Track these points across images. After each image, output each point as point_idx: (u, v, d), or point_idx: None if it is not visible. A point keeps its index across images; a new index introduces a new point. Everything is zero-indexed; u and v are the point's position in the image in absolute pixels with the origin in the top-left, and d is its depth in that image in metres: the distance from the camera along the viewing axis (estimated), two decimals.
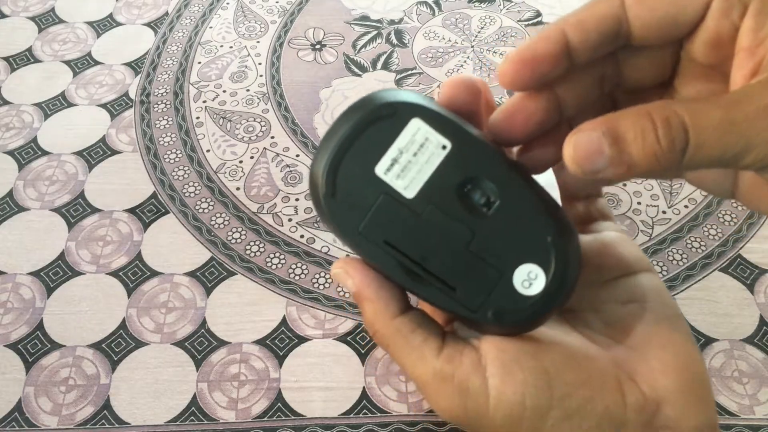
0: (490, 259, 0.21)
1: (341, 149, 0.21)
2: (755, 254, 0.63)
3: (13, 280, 0.62)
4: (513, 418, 0.21)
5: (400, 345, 0.22)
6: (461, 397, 0.21)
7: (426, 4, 0.89)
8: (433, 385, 0.22)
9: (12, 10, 0.89)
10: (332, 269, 0.23)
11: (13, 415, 0.54)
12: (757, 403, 0.54)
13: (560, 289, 0.21)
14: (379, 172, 0.21)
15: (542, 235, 0.21)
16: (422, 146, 0.21)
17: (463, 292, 0.22)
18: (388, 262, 0.22)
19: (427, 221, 0.21)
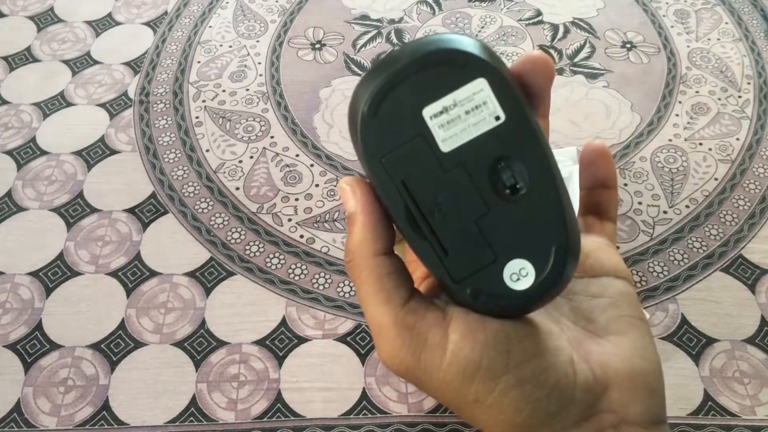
0: (492, 241, 0.21)
1: (400, 75, 0.21)
2: (756, 254, 0.63)
3: (12, 280, 0.62)
4: (465, 376, 0.21)
5: (371, 282, 0.22)
6: (417, 347, 0.21)
7: (426, 4, 0.89)
8: (390, 330, 0.21)
9: (11, 9, 0.89)
10: (341, 182, 0.23)
11: (12, 416, 0.54)
12: (759, 404, 0.54)
13: (542, 295, 0.22)
14: (426, 114, 0.21)
15: (550, 241, 0.21)
16: (477, 108, 0.21)
17: (453, 259, 0.21)
18: (397, 202, 0.21)
19: (449, 180, 0.21)
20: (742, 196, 0.67)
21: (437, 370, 0.21)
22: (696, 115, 0.75)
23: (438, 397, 0.22)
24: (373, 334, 0.22)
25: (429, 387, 0.22)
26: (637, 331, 0.23)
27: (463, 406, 0.22)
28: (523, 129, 0.21)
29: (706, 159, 0.70)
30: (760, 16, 0.87)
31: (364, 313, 0.22)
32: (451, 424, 0.53)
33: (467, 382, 0.21)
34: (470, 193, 0.21)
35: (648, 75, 0.80)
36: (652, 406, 0.22)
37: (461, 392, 0.21)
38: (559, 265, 0.21)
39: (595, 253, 0.25)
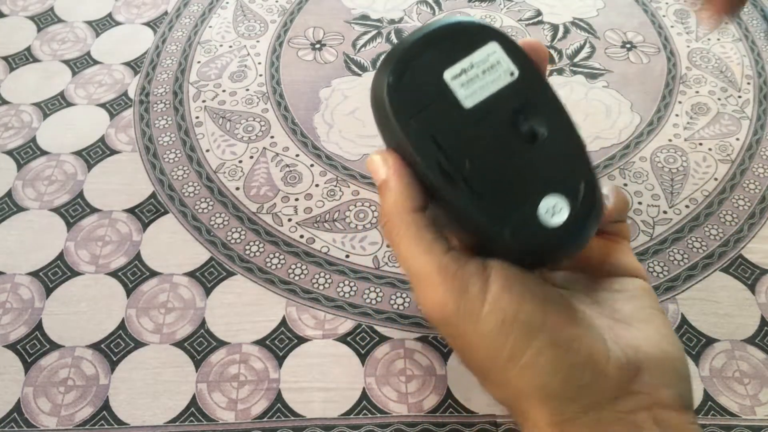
0: (523, 182, 0.22)
1: (418, 46, 0.23)
2: (756, 254, 0.63)
3: (12, 280, 0.62)
4: (502, 328, 0.21)
5: (411, 235, 0.22)
6: (458, 295, 0.21)
7: (426, 4, 0.89)
8: (432, 277, 0.22)
9: (11, 9, 0.89)
10: (370, 157, 0.24)
11: (12, 416, 0.54)
12: (759, 404, 0.54)
13: (580, 229, 0.22)
14: (447, 77, 0.23)
15: (577, 175, 0.22)
16: (493, 67, 0.23)
17: (488, 203, 0.22)
18: (428, 157, 0.22)
19: (475, 131, 0.23)
20: (742, 196, 0.67)
21: (476, 319, 0.21)
22: (696, 115, 0.75)
23: (471, 355, 0.22)
24: (416, 284, 0.22)
25: (464, 340, 0.22)
26: (661, 320, 0.23)
27: (496, 365, 0.21)
28: (536, 82, 0.23)
29: (706, 159, 0.70)
30: (760, 16, 0.87)
31: (405, 269, 0.22)
32: (451, 424, 0.53)
33: (504, 334, 0.21)
34: (496, 142, 0.23)
35: (648, 75, 0.80)
36: (682, 391, 0.22)
37: (496, 346, 0.21)
38: (590, 197, 0.22)
39: (615, 254, 0.26)
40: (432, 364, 0.56)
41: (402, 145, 0.23)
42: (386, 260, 0.63)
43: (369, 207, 0.67)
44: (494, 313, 0.21)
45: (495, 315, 0.21)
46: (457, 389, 0.55)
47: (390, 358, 0.57)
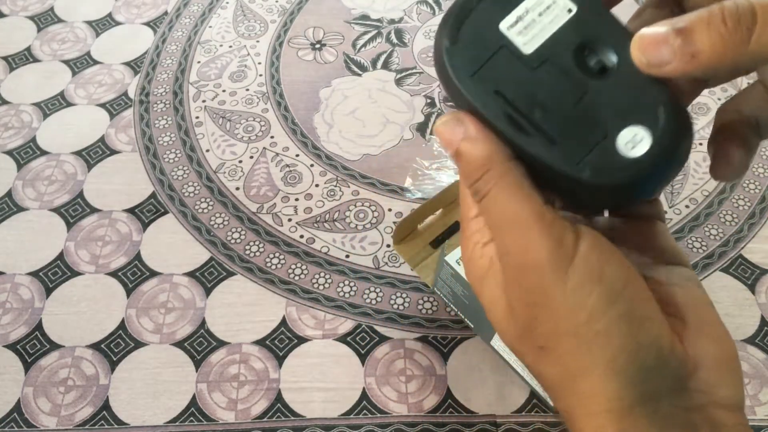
0: (597, 119, 0.21)
1: (468, 5, 0.23)
2: (756, 254, 0.63)
3: (12, 280, 0.62)
4: (586, 286, 0.20)
5: (512, 182, 0.21)
6: (553, 243, 0.20)
7: (426, 4, 0.89)
8: (529, 222, 0.21)
9: (11, 9, 0.89)
10: (438, 122, 0.22)
11: (12, 416, 0.54)
12: (758, 404, 0.54)
13: (664, 155, 0.21)
14: (503, 27, 0.22)
15: (654, 103, 0.21)
16: (548, 8, 0.22)
17: (564, 146, 0.21)
18: (495, 111, 0.22)
19: (539, 76, 0.22)
20: (741, 196, 0.67)
21: (564, 272, 0.20)
22: (696, 115, 0.75)
23: (546, 313, 0.21)
24: (507, 230, 0.21)
25: (544, 295, 0.20)
26: (715, 315, 0.22)
27: (571, 327, 0.20)
28: (596, 14, 0.22)
29: (706, 159, 0.70)
30: None
31: (496, 217, 0.21)
32: (451, 424, 0.53)
33: (587, 293, 0.20)
34: (563, 82, 0.22)
35: None
36: (737, 391, 0.21)
37: (577, 303, 0.20)
38: (671, 122, 0.21)
39: (654, 239, 0.25)
40: (432, 364, 0.56)
41: (470, 104, 0.22)
42: (386, 260, 0.63)
43: (369, 207, 0.67)
44: (582, 268, 0.20)
45: (582, 270, 0.20)
46: (457, 389, 0.55)
47: (390, 358, 0.57)
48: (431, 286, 0.59)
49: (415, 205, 0.66)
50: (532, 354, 0.22)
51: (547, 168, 0.22)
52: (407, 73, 0.80)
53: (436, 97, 0.77)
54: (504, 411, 0.53)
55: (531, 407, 0.53)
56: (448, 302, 0.58)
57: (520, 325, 0.22)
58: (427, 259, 0.59)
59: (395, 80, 0.79)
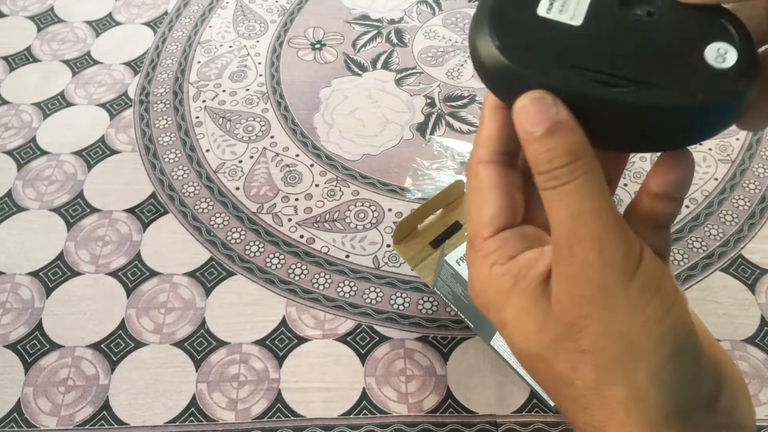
0: (676, 50, 0.22)
1: (494, 9, 0.22)
2: (756, 254, 0.63)
3: (12, 280, 0.62)
4: (648, 292, 0.20)
5: (595, 177, 0.21)
6: (626, 246, 0.20)
7: (426, 4, 0.89)
8: (610, 221, 0.20)
9: (11, 9, 0.89)
10: (525, 98, 0.21)
11: (12, 416, 0.54)
12: (759, 404, 0.54)
13: (752, 58, 0.22)
14: (542, 13, 0.22)
15: (716, 19, 0.22)
16: None
17: (664, 84, 0.21)
18: (584, 82, 0.21)
19: (603, 37, 0.22)
20: (741, 196, 0.67)
21: (629, 278, 0.20)
22: None
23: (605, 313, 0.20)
24: (592, 225, 0.20)
25: (608, 294, 0.20)
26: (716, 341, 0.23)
27: (625, 332, 0.20)
28: None
29: (706, 159, 0.70)
30: None
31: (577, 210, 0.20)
32: (451, 424, 0.53)
33: (646, 300, 0.20)
34: (625, 34, 0.22)
35: None
36: (752, 415, 0.22)
37: (636, 310, 0.20)
38: (740, 29, 0.22)
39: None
40: (432, 364, 0.56)
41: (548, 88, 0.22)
42: (386, 260, 0.63)
43: (369, 207, 0.67)
44: (645, 275, 0.20)
45: (645, 278, 0.20)
46: (457, 389, 0.55)
47: (390, 358, 0.57)
48: (431, 286, 0.59)
49: (415, 205, 0.66)
50: (570, 358, 0.21)
51: (651, 114, 0.21)
52: (407, 73, 0.80)
53: (436, 97, 0.77)
54: (504, 411, 0.53)
55: (531, 407, 0.53)
56: (448, 302, 0.58)
57: (562, 327, 0.21)
58: (427, 259, 0.59)
59: (395, 80, 0.79)
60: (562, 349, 0.21)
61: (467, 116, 0.75)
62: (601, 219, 0.20)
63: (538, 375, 0.22)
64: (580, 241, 0.20)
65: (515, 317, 0.22)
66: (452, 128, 0.74)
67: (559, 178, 0.20)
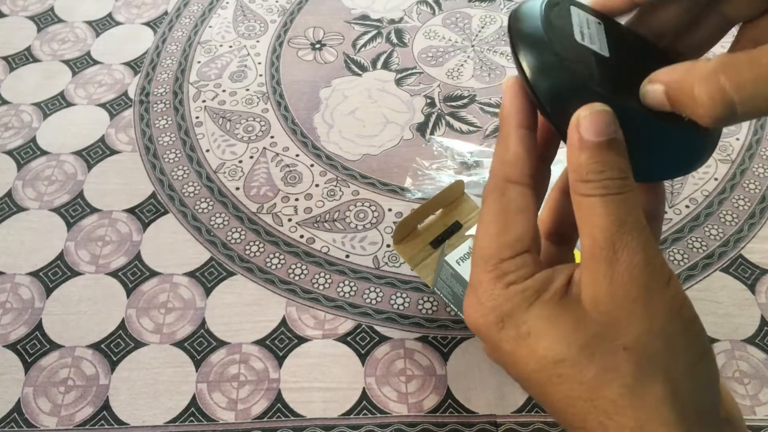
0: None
1: (546, 28, 0.24)
2: (756, 254, 0.63)
3: (12, 280, 0.62)
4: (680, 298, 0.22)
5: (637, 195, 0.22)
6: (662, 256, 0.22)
7: (426, 4, 0.89)
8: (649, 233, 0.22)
9: (11, 9, 0.89)
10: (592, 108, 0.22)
11: (12, 416, 0.54)
12: (759, 404, 0.54)
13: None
14: (579, 40, 0.25)
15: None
16: (588, 22, 0.26)
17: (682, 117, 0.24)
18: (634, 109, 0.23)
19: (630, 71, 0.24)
20: (741, 196, 0.67)
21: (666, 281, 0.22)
22: None
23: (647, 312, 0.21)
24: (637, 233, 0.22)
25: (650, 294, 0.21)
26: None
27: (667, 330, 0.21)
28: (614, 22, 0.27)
29: None
30: None
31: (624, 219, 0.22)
32: (451, 424, 0.53)
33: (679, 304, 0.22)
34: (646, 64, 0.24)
35: None
36: (740, 410, 0.23)
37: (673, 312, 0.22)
38: None
39: None
40: (432, 364, 0.56)
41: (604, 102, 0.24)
42: (386, 260, 0.63)
43: (369, 207, 0.67)
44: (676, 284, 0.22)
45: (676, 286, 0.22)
46: (457, 389, 0.55)
47: (390, 358, 0.57)
48: (431, 286, 0.59)
49: (415, 205, 0.66)
50: (607, 358, 0.21)
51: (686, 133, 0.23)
52: (407, 73, 0.80)
53: (436, 97, 0.77)
54: (504, 411, 0.53)
55: (531, 407, 0.53)
56: (448, 302, 0.58)
57: (600, 327, 0.21)
58: (427, 259, 0.59)
59: (395, 80, 0.79)
60: (599, 350, 0.21)
61: (467, 116, 0.75)
62: (644, 230, 0.22)
63: (563, 385, 0.22)
64: (627, 246, 0.21)
65: (542, 325, 0.22)
66: (452, 128, 0.74)
67: (608, 188, 0.21)
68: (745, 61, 0.20)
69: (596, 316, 0.21)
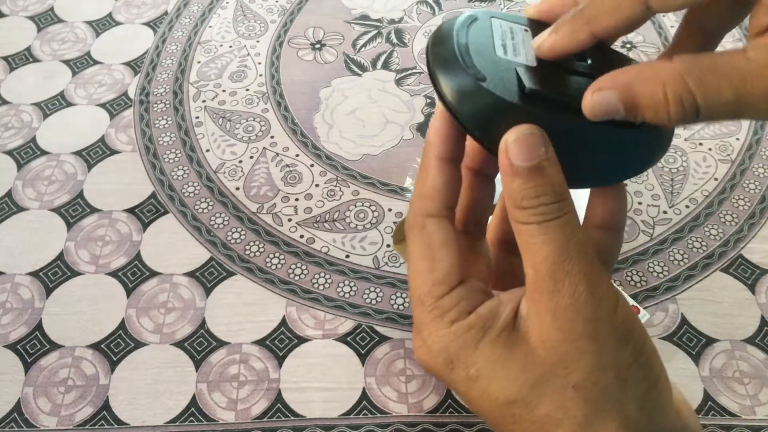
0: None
1: (462, 49, 0.23)
2: (756, 254, 0.63)
3: (12, 280, 0.62)
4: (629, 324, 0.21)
5: (575, 216, 0.22)
6: (608, 280, 0.21)
7: (426, 4, 0.89)
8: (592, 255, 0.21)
9: (11, 9, 0.89)
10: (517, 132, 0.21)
11: (12, 416, 0.54)
12: (759, 404, 0.54)
13: None
14: (501, 55, 0.23)
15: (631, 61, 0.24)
16: (513, 32, 0.25)
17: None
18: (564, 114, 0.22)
19: (559, 76, 0.23)
20: (741, 196, 0.67)
21: (613, 310, 0.21)
22: None
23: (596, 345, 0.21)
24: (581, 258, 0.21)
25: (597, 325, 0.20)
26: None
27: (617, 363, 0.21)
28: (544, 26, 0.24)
29: (706, 159, 0.70)
30: None
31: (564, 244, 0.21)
32: (451, 424, 0.53)
33: (628, 332, 0.21)
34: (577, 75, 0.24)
35: None
36: (699, 423, 0.23)
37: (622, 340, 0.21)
38: None
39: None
40: None
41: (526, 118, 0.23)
42: (386, 260, 0.63)
43: (369, 207, 0.67)
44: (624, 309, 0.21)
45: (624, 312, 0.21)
46: None
47: (390, 358, 0.57)
48: None
49: None
50: (557, 397, 0.21)
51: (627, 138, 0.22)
52: (407, 73, 0.80)
53: (436, 97, 0.77)
54: None
55: None
56: None
57: (548, 366, 0.21)
58: None
59: (395, 80, 0.79)
60: (549, 389, 0.21)
61: None
62: (586, 255, 0.20)
63: (516, 425, 0.21)
64: (568, 275, 0.20)
65: (491, 366, 0.21)
66: None
67: (545, 214, 0.20)
68: (708, 66, 0.19)
69: (543, 353, 0.21)
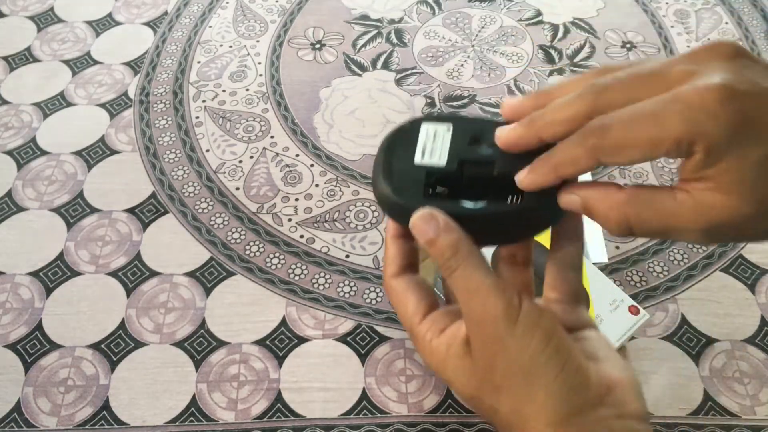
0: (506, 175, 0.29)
1: (386, 162, 0.30)
2: (756, 254, 0.63)
3: (12, 280, 0.62)
4: (531, 330, 0.27)
5: (474, 261, 0.28)
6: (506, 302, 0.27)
7: (426, 4, 0.89)
8: (489, 288, 0.27)
9: (11, 9, 0.89)
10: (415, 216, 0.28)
11: (12, 416, 0.54)
12: (759, 404, 0.54)
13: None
14: (418, 161, 0.30)
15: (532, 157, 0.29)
16: (436, 134, 0.30)
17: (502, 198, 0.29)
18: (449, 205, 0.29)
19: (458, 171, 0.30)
20: None
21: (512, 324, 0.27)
22: None
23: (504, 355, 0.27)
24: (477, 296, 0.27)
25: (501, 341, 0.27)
26: (618, 356, 0.30)
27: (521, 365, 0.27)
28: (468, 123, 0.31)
29: None
30: (760, 16, 0.87)
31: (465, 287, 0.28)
32: (451, 424, 0.53)
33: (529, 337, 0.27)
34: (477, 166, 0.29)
35: None
36: (642, 405, 0.28)
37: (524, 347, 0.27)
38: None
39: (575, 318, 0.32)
40: None
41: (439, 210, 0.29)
42: None
43: (369, 207, 0.67)
44: (526, 318, 0.27)
45: (526, 320, 0.27)
46: None
47: (390, 358, 0.57)
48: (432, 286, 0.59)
49: None
50: (491, 395, 0.28)
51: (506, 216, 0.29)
52: (407, 73, 0.80)
53: (436, 97, 0.77)
54: None
55: None
56: None
57: (480, 374, 0.28)
58: (427, 259, 0.59)
59: (395, 80, 0.79)
60: (485, 388, 0.28)
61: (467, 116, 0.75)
62: (481, 290, 0.27)
63: (477, 410, 0.30)
64: (472, 307, 0.27)
65: (453, 374, 0.29)
66: None
67: (450, 267, 0.28)
68: (645, 201, 0.26)
69: (478, 363, 0.28)
